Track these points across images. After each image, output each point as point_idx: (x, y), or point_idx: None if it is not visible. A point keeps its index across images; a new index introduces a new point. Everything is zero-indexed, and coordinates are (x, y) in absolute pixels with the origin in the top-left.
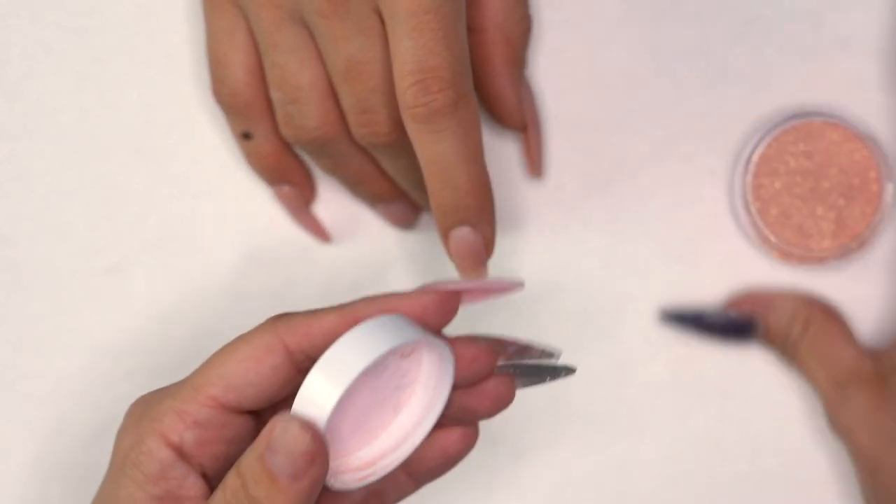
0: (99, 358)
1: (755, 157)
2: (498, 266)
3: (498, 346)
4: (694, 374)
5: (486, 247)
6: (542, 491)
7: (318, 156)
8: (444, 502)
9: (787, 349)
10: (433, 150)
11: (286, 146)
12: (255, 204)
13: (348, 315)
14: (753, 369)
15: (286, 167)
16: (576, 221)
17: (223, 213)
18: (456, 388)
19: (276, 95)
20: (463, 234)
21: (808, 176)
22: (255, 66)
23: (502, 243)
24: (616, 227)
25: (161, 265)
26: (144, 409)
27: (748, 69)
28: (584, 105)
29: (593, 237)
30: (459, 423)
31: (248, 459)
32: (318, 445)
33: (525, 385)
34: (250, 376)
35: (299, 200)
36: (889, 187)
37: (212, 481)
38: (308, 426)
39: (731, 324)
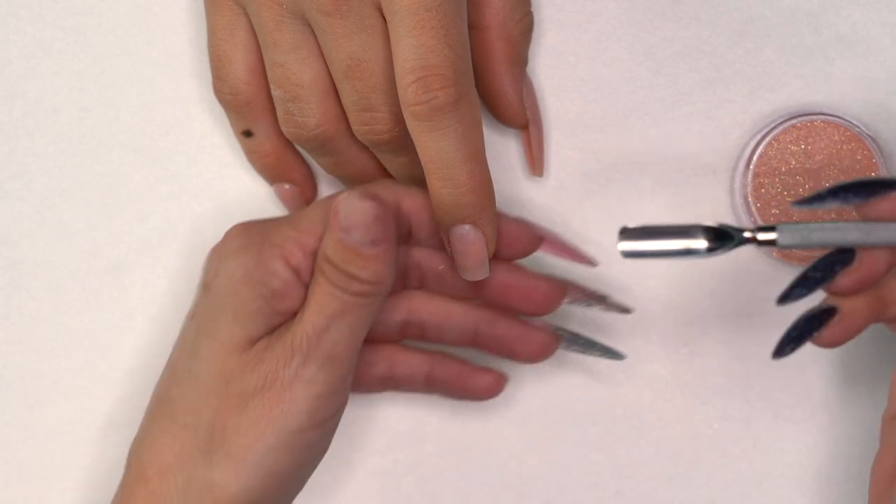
0: (99, 358)
1: (755, 157)
2: None
3: (571, 286)
4: (694, 374)
5: (488, 245)
6: (543, 491)
7: (319, 154)
8: (444, 502)
9: None
10: (434, 147)
11: (287, 144)
12: (255, 203)
13: None
14: (754, 370)
15: (287, 166)
16: (576, 221)
17: (223, 213)
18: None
19: (277, 93)
20: (464, 232)
21: (808, 176)
22: (257, 64)
23: None
24: (616, 227)
25: (161, 265)
26: (259, 236)
27: (748, 69)
28: (584, 105)
29: (593, 237)
30: (499, 354)
31: (330, 246)
32: (384, 207)
33: (571, 350)
34: None
35: (300, 199)
36: None
37: None
38: (367, 193)
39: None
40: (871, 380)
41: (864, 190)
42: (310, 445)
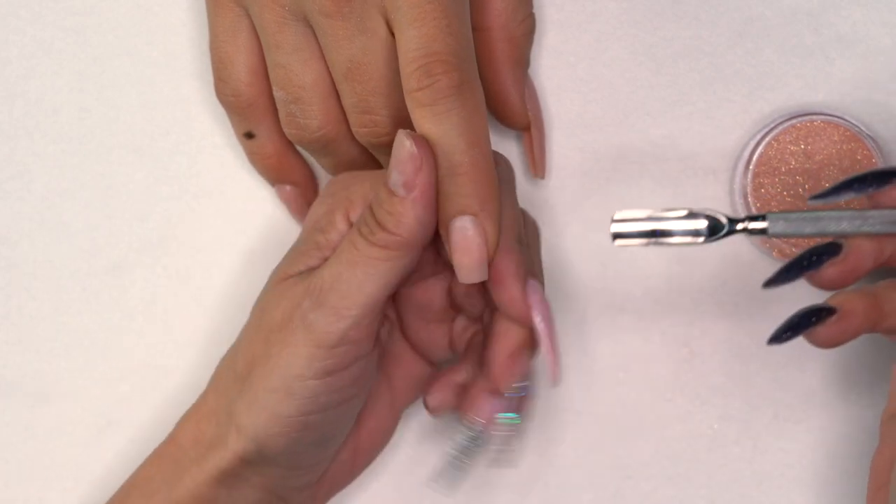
0: (99, 358)
1: (755, 157)
2: None
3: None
4: (694, 374)
5: (488, 243)
6: (543, 491)
7: (320, 155)
8: (444, 502)
9: None
10: (436, 132)
11: (289, 146)
12: (255, 204)
13: None
14: (754, 370)
15: (288, 167)
16: (576, 221)
17: (223, 213)
18: None
19: (279, 95)
20: (464, 224)
21: (808, 175)
22: (259, 65)
23: None
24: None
25: (161, 265)
26: (343, 186)
27: (748, 69)
28: (584, 105)
29: (593, 237)
30: None
31: (378, 189)
32: (422, 150)
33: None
34: None
35: (301, 200)
36: None
37: None
38: (413, 134)
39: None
40: (871, 380)
41: (877, 180)
42: (314, 395)
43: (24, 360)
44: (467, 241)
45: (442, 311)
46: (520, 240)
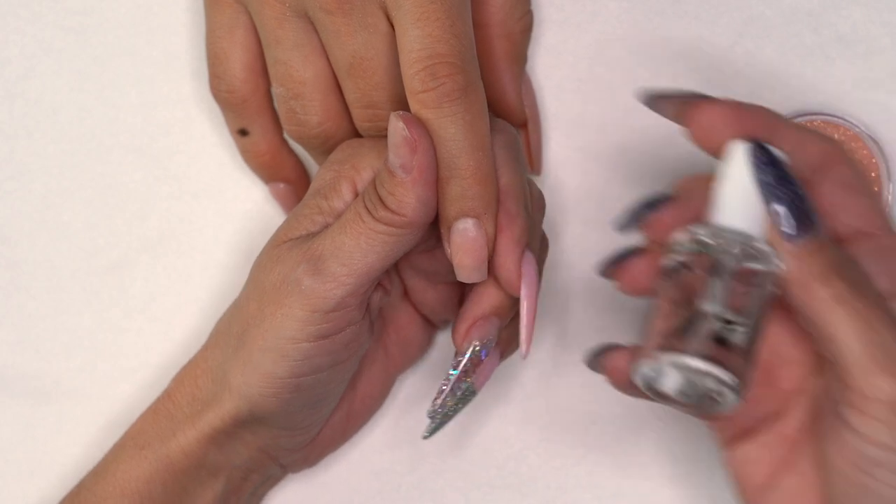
0: (99, 358)
1: None
2: None
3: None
4: None
5: (488, 244)
6: (543, 491)
7: (320, 152)
8: (444, 502)
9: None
10: (441, 135)
11: (283, 144)
12: (254, 203)
13: None
14: None
15: (282, 165)
16: (575, 221)
17: (223, 213)
18: None
19: (278, 91)
20: (466, 226)
21: None
22: (254, 62)
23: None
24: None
25: (161, 265)
26: (350, 155)
27: (748, 69)
28: (584, 105)
29: (593, 237)
30: None
31: (380, 167)
32: (415, 131)
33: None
34: None
35: (294, 198)
36: (889, 187)
37: None
38: (404, 116)
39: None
40: None
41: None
42: (307, 357)
43: (24, 360)
44: (469, 242)
45: (453, 272)
46: (526, 207)
